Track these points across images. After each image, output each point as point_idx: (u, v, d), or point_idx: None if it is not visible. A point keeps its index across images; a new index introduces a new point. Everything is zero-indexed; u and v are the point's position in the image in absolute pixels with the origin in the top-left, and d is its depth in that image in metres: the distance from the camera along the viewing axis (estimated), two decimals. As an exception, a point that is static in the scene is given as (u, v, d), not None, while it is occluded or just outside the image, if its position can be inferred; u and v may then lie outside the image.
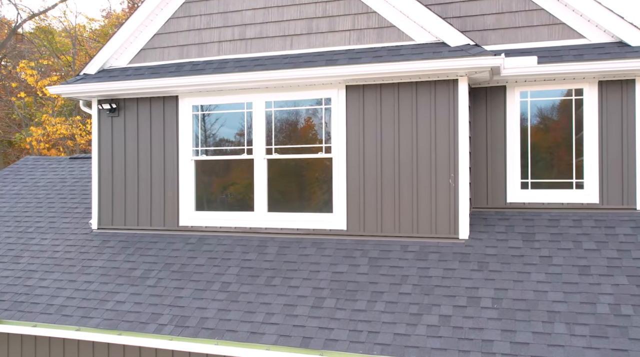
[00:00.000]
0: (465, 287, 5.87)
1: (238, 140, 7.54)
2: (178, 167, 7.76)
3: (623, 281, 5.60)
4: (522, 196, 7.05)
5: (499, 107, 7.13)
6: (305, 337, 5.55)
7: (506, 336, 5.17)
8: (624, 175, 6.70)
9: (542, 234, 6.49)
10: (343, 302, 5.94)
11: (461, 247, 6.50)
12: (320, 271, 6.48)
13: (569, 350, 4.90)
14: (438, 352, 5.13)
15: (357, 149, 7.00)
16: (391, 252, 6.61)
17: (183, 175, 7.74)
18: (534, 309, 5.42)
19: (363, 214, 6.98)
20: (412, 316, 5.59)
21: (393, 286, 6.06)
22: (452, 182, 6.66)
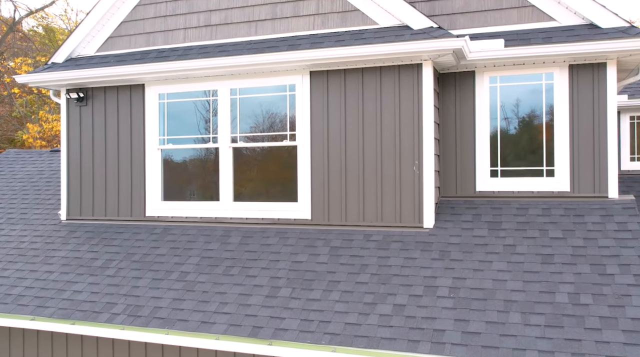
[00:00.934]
0: (423, 276, 5.68)
1: (204, 129, 7.41)
2: (145, 156, 7.65)
3: (586, 270, 5.38)
4: (492, 184, 6.83)
5: (468, 94, 6.93)
6: (256, 327, 5.40)
7: (459, 325, 4.98)
8: (595, 162, 6.47)
9: (508, 223, 6.28)
10: (298, 292, 5.78)
11: (425, 236, 6.30)
12: (280, 261, 6.32)
13: (520, 340, 4.70)
14: (387, 341, 4.95)
15: (322, 137, 6.84)
16: (353, 241, 6.44)
17: (150, 165, 7.62)
18: (490, 299, 5.22)
19: (327, 203, 6.81)
20: (366, 305, 5.42)
21: (351, 275, 5.89)
22: (416, 170, 6.47)
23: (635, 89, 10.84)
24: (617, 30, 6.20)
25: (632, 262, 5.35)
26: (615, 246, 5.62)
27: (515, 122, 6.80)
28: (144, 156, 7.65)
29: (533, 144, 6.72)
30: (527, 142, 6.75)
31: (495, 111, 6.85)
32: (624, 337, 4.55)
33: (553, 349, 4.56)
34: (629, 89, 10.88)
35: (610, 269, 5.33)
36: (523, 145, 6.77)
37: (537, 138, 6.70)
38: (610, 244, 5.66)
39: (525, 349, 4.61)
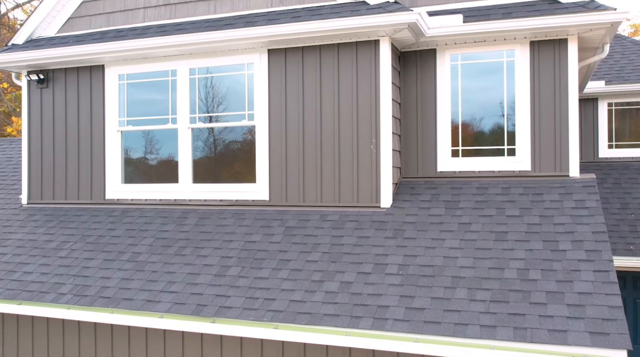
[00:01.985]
0: (374, 254, 5.55)
1: (163, 110, 7.28)
2: (104, 139, 7.52)
3: (538, 246, 5.24)
4: (453, 164, 6.70)
5: (429, 73, 6.79)
6: (200, 305, 5.27)
7: (403, 301, 4.84)
8: (556, 140, 6.33)
9: (466, 202, 6.14)
10: (247, 271, 5.65)
11: (381, 215, 6.17)
12: (234, 241, 6.19)
13: (464, 315, 4.57)
14: (329, 318, 4.81)
15: (280, 116, 6.70)
16: (309, 221, 6.30)
17: (110, 148, 7.49)
18: (439, 275, 5.09)
19: (285, 184, 6.68)
20: (313, 283, 5.28)
21: (302, 254, 5.76)
22: (374, 149, 6.34)
23: (613, 76, 10.69)
24: (577, 4, 6.06)
25: (585, 239, 5.21)
26: (571, 223, 5.48)
27: (476, 101, 6.66)
28: (103, 138, 7.52)
29: (494, 123, 6.58)
30: (489, 122, 6.61)
31: (456, 90, 6.71)
32: (569, 311, 4.41)
33: (496, 323, 4.42)
34: (607, 76, 10.73)
35: (563, 245, 5.19)
36: (484, 124, 6.63)
37: (499, 117, 6.56)
38: (566, 221, 5.52)
39: (468, 324, 4.47)
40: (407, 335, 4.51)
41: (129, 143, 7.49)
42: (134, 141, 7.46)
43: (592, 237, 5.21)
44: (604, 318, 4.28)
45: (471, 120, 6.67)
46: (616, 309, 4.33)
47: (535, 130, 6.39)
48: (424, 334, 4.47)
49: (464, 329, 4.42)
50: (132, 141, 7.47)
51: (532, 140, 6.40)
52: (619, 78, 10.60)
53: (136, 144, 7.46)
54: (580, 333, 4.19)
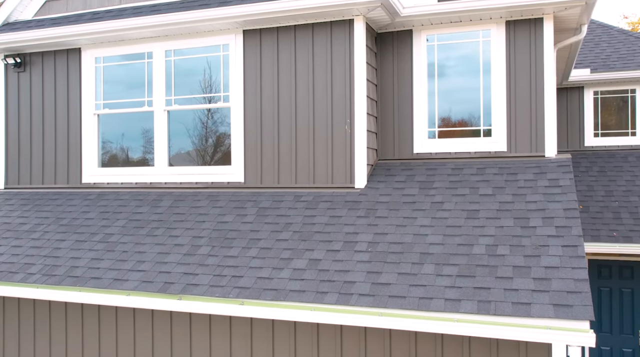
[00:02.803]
0: (345, 232, 5.50)
1: (139, 93, 7.22)
2: (81, 122, 7.46)
3: (508, 223, 5.19)
4: (430, 146, 6.64)
5: (405, 54, 6.74)
6: (167, 283, 5.21)
7: (370, 277, 4.79)
8: (532, 121, 6.28)
9: (441, 182, 6.09)
10: (217, 250, 5.59)
11: (355, 196, 6.12)
12: (206, 221, 6.14)
13: (429, 289, 4.52)
14: (295, 294, 4.76)
15: (255, 98, 6.65)
16: (283, 202, 6.25)
17: (86, 131, 7.44)
18: (407, 252, 5.04)
19: (260, 166, 6.63)
20: (282, 261, 5.23)
21: (273, 233, 5.70)
22: (348, 129, 6.28)
23: (599, 64, 10.65)
24: (552, -18, 6.00)
25: (556, 215, 5.16)
26: (543, 200, 5.43)
27: (453, 83, 6.61)
28: (80, 122, 7.47)
29: (470, 105, 6.53)
30: (465, 103, 6.56)
31: (433, 71, 6.66)
32: (534, 284, 4.36)
33: (460, 297, 4.37)
34: (593, 64, 10.69)
35: (533, 222, 5.14)
36: (461, 105, 6.58)
37: (475, 98, 6.51)
38: (538, 199, 5.47)
39: (432, 297, 4.42)
40: (372, 309, 4.45)
41: (106, 126, 7.43)
42: (111, 124, 7.41)
43: (563, 214, 5.16)
44: (569, 291, 4.22)
45: (448, 102, 6.62)
46: (581, 282, 4.28)
47: (511, 111, 6.34)
48: (388, 308, 4.41)
49: (428, 303, 4.37)
50: (109, 124, 7.42)
51: (508, 121, 6.35)
52: (604, 66, 10.55)
53: (113, 127, 7.40)
54: (544, 305, 4.13)
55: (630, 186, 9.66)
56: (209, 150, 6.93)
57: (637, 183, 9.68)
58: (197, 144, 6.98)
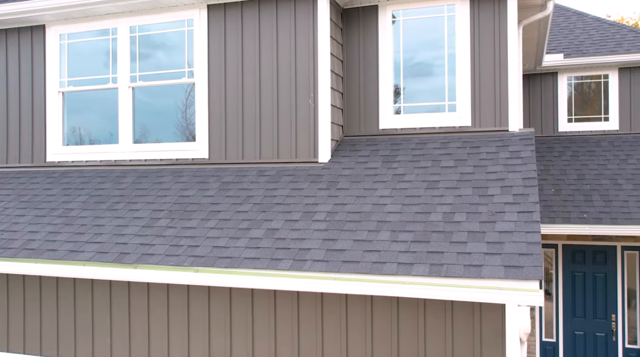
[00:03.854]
0: (305, 203, 5.45)
1: (104, 70, 7.13)
2: (46, 100, 7.36)
3: (467, 192, 5.17)
4: (395, 121, 6.62)
5: (371, 30, 6.71)
6: (123, 253, 5.14)
7: (325, 244, 4.75)
8: (496, 96, 6.27)
9: (404, 156, 6.07)
10: (177, 222, 5.53)
11: (318, 170, 6.08)
12: (168, 196, 6.07)
13: (383, 254, 4.48)
14: (249, 261, 4.71)
15: (219, 73, 6.59)
16: (246, 176, 6.20)
17: (51, 109, 7.34)
18: (365, 220, 5.00)
19: (225, 142, 6.57)
20: (240, 231, 5.18)
21: (234, 205, 5.65)
22: (311, 103, 6.24)
23: (573, 50, 10.69)
24: (514, -44, 6.01)
25: (514, 184, 5.15)
26: (503, 171, 5.42)
27: (418, 58, 6.59)
28: (44, 100, 7.37)
29: (435, 80, 6.51)
30: (430, 78, 6.54)
31: (398, 47, 6.64)
32: (487, 248, 4.34)
33: (413, 261, 4.34)
34: (567, 50, 10.73)
35: (492, 190, 5.13)
36: (426, 81, 6.56)
37: (439, 73, 6.49)
38: (499, 169, 5.46)
39: (386, 262, 4.39)
40: (325, 274, 4.41)
41: (71, 104, 7.33)
42: (76, 102, 7.31)
43: (521, 183, 5.15)
44: (521, 253, 4.21)
45: (413, 77, 6.60)
46: (534, 245, 4.27)
47: (475, 86, 6.33)
48: (341, 273, 4.37)
49: (381, 267, 4.33)
50: (74, 102, 7.32)
51: (472, 97, 6.34)
52: (578, 51, 10.60)
53: (77, 105, 7.31)
54: (496, 267, 4.11)
55: (602, 169, 9.71)
56: (174, 126, 6.85)
57: (609, 167, 9.72)
58: (161, 120, 6.90)
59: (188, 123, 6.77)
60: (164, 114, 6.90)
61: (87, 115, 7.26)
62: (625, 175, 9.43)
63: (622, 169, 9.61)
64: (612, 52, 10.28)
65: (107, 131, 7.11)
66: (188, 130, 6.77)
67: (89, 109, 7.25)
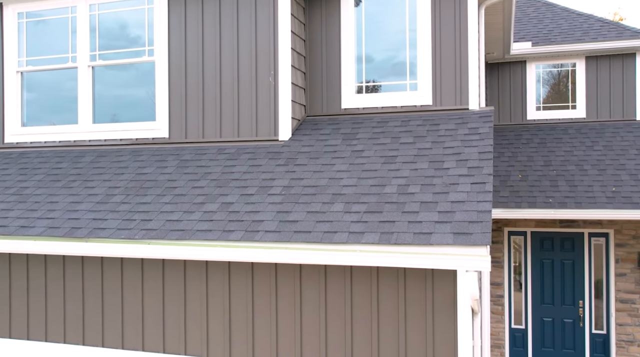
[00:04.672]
0: (262, 179, 5.41)
1: (63, 49, 7.01)
2: (3, 81, 7.21)
3: (423, 166, 5.17)
4: (357, 101, 6.60)
5: (334, 9, 6.68)
6: (74, 228, 5.05)
7: (279, 216, 4.71)
8: (456, 75, 6.28)
9: (364, 133, 6.05)
10: (131, 198, 5.45)
11: (278, 147, 6.03)
12: (125, 174, 5.98)
13: (335, 224, 4.45)
14: (201, 233, 4.65)
15: (180, 51, 6.51)
16: (205, 154, 6.13)
17: (8, 90, 7.19)
18: (320, 193, 4.97)
19: (185, 120, 6.49)
20: (194, 205, 5.11)
21: (191, 181, 5.58)
22: (272, 80, 6.20)
23: (541, 38, 10.78)
24: None
25: (470, 158, 5.16)
26: (460, 146, 5.43)
27: (380, 38, 6.58)
28: (2, 80, 7.22)
29: (397, 59, 6.50)
30: (392, 58, 6.53)
31: (361, 26, 6.61)
32: (438, 217, 4.33)
33: (364, 230, 4.32)
34: (535, 39, 10.82)
35: (447, 164, 5.13)
36: (388, 60, 6.55)
37: (401, 53, 6.49)
38: (456, 145, 5.46)
39: (337, 231, 4.36)
40: (276, 244, 4.37)
41: (29, 84, 7.20)
42: (34, 82, 7.18)
43: (477, 157, 5.16)
44: (471, 221, 4.21)
45: (375, 57, 6.58)
46: (484, 213, 4.27)
47: (436, 65, 6.33)
48: (293, 243, 4.33)
49: (332, 236, 4.30)
50: (32, 82, 7.18)
51: (433, 75, 6.34)
52: (546, 40, 10.70)
53: (36, 85, 7.17)
54: (445, 234, 4.11)
55: (568, 156, 9.80)
56: (134, 106, 6.75)
57: (575, 153, 9.82)
58: (121, 100, 6.80)
59: (148, 102, 6.68)
60: (124, 93, 6.80)
61: (46, 96, 7.13)
62: (591, 161, 9.54)
63: (588, 155, 9.71)
64: (579, 40, 10.39)
65: (67, 111, 6.99)
66: (148, 110, 6.68)
67: (48, 89, 7.12)
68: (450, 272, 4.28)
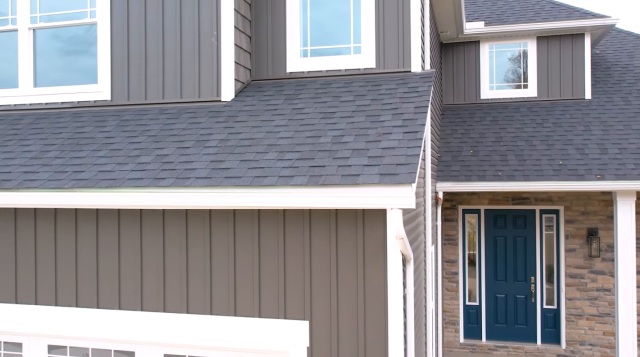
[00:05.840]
0: (200, 134, 5.37)
1: (3, 11, 6.85)
2: (-58, 43, 7.02)
3: (360, 119, 5.20)
4: (302, 65, 6.61)
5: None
6: (4, 180, 4.93)
7: (212, 165, 4.68)
8: (399, 37, 6.34)
9: (307, 94, 6.06)
10: (67, 153, 5.35)
11: (220, 107, 6.00)
12: (63, 133, 5.88)
13: (266, 170, 4.45)
14: (132, 181, 4.59)
15: (122, 12, 6.42)
16: (147, 115, 6.06)
17: (-53, 53, 7.00)
18: (256, 145, 4.96)
19: (127, 83, 6.41)
20: (129, 158, 5.05)
21: (128, 138, 5.51)
22: (214, 41, 6.16)
23: (494, 19, 10.96)
24: None
25: (406, 112, 5.21)
26: (399, 102, 5.48)
27: (324, 2, 6.59)
28: (-60, 43, 7.02)
29: (341, 23, 6.53)
30: (336, 22, 6.55)
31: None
32: (368, 161, 4.36)
33: (294, 174, 4.32)
34: (488, 19, 10.99)
35: (384, 117, 5.17)
36: (332, 24, 6.57)
37: (346, 17, 6.52)
38: (394, 101, 5.51)
39: (267, 176, 4.35)
40: (206, 189, 4.34)
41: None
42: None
43: (413, 110, 5.21)
44: (399, 163, 4.24)
45: (320, 21, 6.60)
46: (412, 157, 4.31)
47: (380, 28, 6.38)
48: (223, 187, 4.31)
49: (261, 180, 4.30)
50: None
51: (377, 39, 6.39)
52: (499, 20, 10.87)
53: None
54: (372, 175, 4.13)
55: (519, 132, 9.98)
56: (75, 69, 6.64)
57: (525, 130, 10.00)
58: (62, 63, 6.68)
59: (90, 65, 6.57)
60: (65, 56, 6.68)
61: (-14, 59, 6.96)
62: (540, 137, 9.73)
63: (538, 131, 9.90)
64: (531, 20, 10.59)
65: (6, 75, 6.84)
66: (90, 73, 6.57)
67: (-12, 53, 6.95)
68: (379, 213, 4.31)
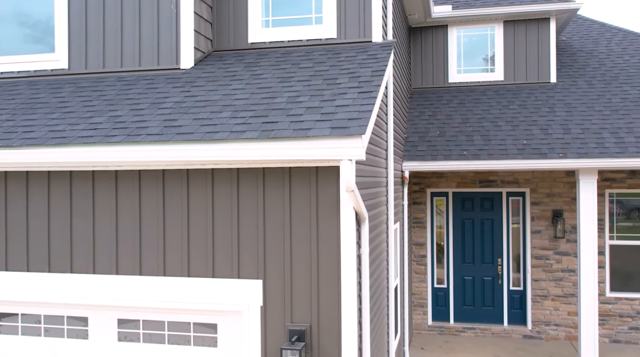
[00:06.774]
0: (156, 97, 5.31)
1: (-42, -21, 6.69)
2: None
3: (317, 82, 5.18)
4: (264, 35, 6.57)
5: (241, -57, 6.63)
6: (-49, 141, 4.81)
7: (165, 123, 4.62)
8: (360, 7, 6.34)
9: (267, 62, 6.03)
10: (18, 116, 5.24)
11: (179, 74, 5.94)
12: (16, 99, 5.76)
13: (219, 127, 4.41)
14: (81, 139, 4.52)
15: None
16: (104, 82, 5.97)
17: None
18: (211, 106, 4.91)
19: (85, 51, 6.30)
20: (81, 119, 4.96)
21: (83, 103, 5.42)
22: (174, 8, 6.09)
23: (461, 3, 11.04)
24: None
25: (363, 75, 5.21)
26: (357, 67, 5.47)
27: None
28: None
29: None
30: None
31: (268, -39, 6.60)
32: (320, 117, 4.35)
33: (246, 129, 4.29)
34: (456, 3, 11.07)
35: (340, 80, 5.16)
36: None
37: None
38: (353, 67, 5.51)
39: (219, 131, 4.31)
40: (157, 145, 4.28)
41: None
42: None
43: (370, 74, 5.21)
44: (351, 118, 4.24)
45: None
46: (365, 112, 4.31)
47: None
48: (173, 143, 4.26)
49: (213, 135, 4.26)
50: None
51: (338, 9, 6.38)
52: (466, 4, 10.95)
53: None
54: (323, 129, 4.12)
55: (485, 114, 10.07)
56: (31, 37, 6.51)
57: (492, 112, 10.09)
58: (17, 31, 6.55)
59: (46, 33, 6.45)
60: (20, 24, 6.55)
61: (-60, 29, 6.79)
62: (505, 119, 9.83)
63: (503, 113, 10.00)
64: (497, 4, 10.69)
65: (-39, 44, 6.68)
66: (46, 41, 6.45)
67: (-58, 22, 6.78)
68: (332, 171, 4.30)
